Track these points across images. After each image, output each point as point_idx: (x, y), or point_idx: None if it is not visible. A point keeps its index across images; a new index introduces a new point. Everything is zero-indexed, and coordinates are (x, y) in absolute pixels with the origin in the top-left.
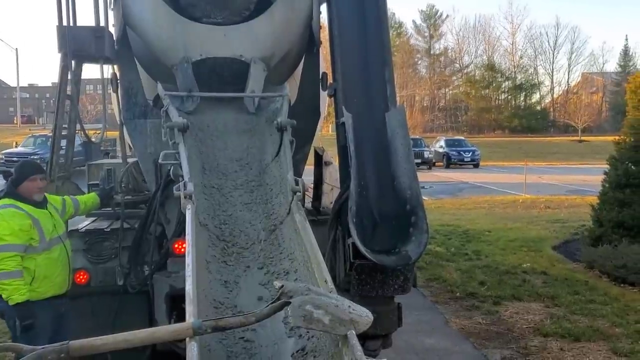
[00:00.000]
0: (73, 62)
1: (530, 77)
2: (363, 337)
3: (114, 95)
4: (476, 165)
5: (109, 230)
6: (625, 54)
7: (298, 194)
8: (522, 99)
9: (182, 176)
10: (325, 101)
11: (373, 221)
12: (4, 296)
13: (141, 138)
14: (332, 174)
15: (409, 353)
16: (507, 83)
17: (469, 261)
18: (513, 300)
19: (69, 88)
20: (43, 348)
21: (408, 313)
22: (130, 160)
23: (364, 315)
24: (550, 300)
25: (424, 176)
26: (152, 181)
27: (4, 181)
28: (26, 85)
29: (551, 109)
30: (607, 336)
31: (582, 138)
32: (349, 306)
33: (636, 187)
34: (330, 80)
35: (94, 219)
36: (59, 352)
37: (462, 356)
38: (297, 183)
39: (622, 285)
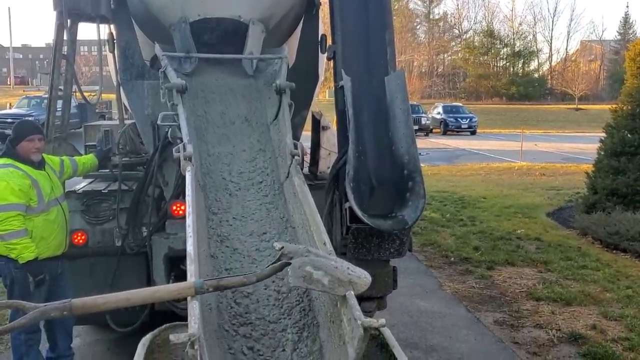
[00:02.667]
0: (69, 20)
1: (529, 44)
2: (359, 299)
3: (110, 56)
4: (473, 132)
5: (106, 191)
6: (626, 21)
7: (297, 157)
8: (520, 66)
9: (181, 138)
10: (323, 64)
11: (370, 186)
12: (13, 255)
13: (138, 99)
14: (329, 139)
15: (403, 315)
16: (505, 50)
17: (464, 227)
18: (506, 265)
19: (64, 48)
20: (46, 305)
21: (403, 277)
22: (127, 121)
23: (362, 277)
24: (543, 265)
25: (421, 143)
26: (149, 143)
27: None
28: (19, 45)
29: (549, 77)
30: (598, 301)
31: (579, 106)
32: (348, 268)
33: (631, 155)
34: (329, 42)
35: (91, 180)
36: (62, 310)
37: (455, 318)
38: (295, 146)
39: (614, 251)
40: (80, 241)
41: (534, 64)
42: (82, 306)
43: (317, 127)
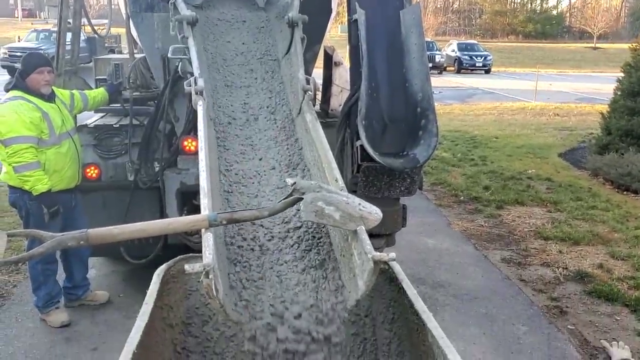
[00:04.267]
0: None
1: None
2: (368, 236)
3: None
4: (487, 71)
5: (117, 126)
6: None
7: (309, 93)
8: (538, 2)
9: (191, 72)
10: None
11: (382, 123)
12: (27, 187)
13: (148, 32)
14: (342, 75)
15: (411, 252)
16: None
17: (475, 166)
18: (516, 204)
19: None
20: (63, 235)
21: (412, 215)
22: (137, 55)
23: (373, 213)
24: (552, 205)
25: (434, 81)
26: (160, 77)
27: (9, 77)
28: None
29: (567, 14)
30: (606, 241)
31: (597, 45)
32: (359, 203)
33: None
34: None
35: (102, 114)
36: (79, 239)
37: (462, 256)
38: (307, 82)
39: (625, 192)
40: (93, 175)
41: (552, 1)
42: (98, 236)
43: (329, 63)
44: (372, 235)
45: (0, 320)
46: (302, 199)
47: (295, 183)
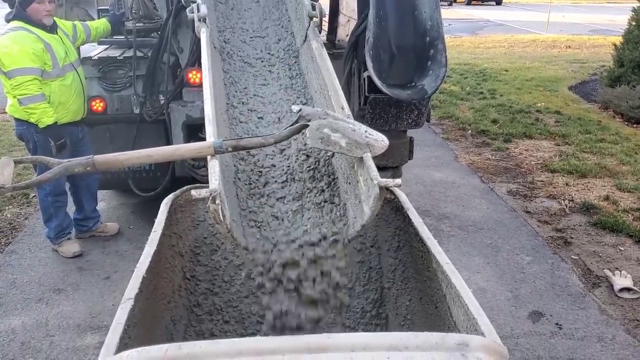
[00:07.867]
0: None
1: None
2: None
3: None
4: (499, 2)
5: (121, 58)
6: None
7: (315, 19)
8: None
9: (194, 0)
10: None
11: (390, 53)
12: (32, 120)
13: None
14: (349, 4)
15: (417, 184)
16: None
17: (484, 100)
18: (524, 138)
19: None
20: (69, 161)
21: (419, 149)
22: None
23: (380, 140)
24: (561, 138)
25: (443, 13)
26: (163, 7)
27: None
28: None
29: None
30: (613, 173)
31: None
32: (366, 131)
33: None
34: None
35: (106, 47)
36: (85, 165)
37: (468, 189)
38: (313, 8)
39: (634, 125)
40: (99, 108)
41: None
42: (104, 162)
43: None
44: (378, 167)
45: (14, 251)
46: (308, 125)
47: (301, 110)
